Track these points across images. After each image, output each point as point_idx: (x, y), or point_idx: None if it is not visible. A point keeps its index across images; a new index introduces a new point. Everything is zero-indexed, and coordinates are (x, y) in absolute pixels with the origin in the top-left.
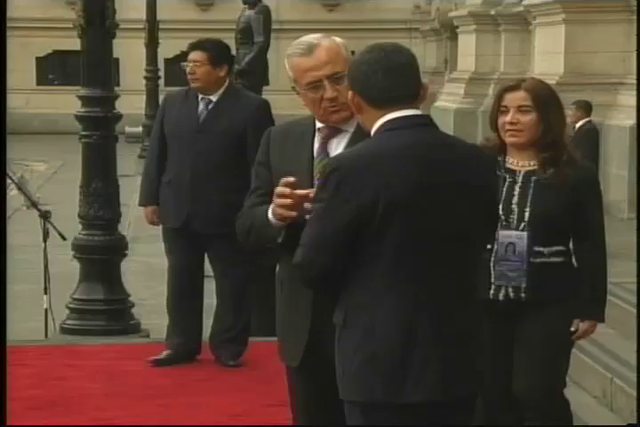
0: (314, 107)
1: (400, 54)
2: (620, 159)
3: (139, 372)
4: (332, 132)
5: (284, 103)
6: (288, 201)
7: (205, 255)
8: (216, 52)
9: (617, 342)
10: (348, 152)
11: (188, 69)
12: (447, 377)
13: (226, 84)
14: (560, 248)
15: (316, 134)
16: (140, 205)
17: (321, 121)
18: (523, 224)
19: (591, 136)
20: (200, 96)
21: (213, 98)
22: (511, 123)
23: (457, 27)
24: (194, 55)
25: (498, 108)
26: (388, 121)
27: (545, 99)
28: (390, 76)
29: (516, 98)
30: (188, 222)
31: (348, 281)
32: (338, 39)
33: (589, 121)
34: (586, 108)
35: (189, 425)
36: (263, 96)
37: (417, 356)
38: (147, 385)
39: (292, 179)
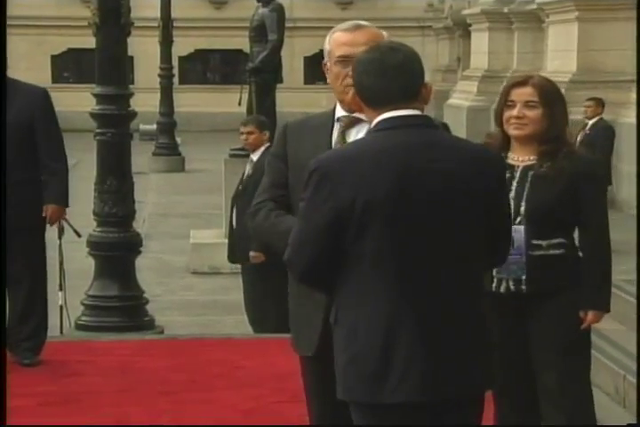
0: (336, 82)
1: (395, 54)
2: (632, 156)
3: (153, 368)
4: (353, 121)
5: (297, 101)
6: None
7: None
8: None
9: (629, 338)
10: (331, 152)
11: None
12: (432, 378)
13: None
14: (560, 240)
15: (336, 124)
16: None
17: (339, 99)
18: (519, 218)
19: (608, 134)
20: None
21: None
22: (518, 117)
23: (470, 25)
24: None
25: (504, 103)
26: (380, 121)
27: (551, 95)
28: (381, 77)
29: (523, 93)
30: (10, 222)
31: (337, 281)
32: (384, 32)
33: (601, 118)
34: (601, 104)
35: (202, 425)
36: (277, 94)
37: (399, 356)
38: (160, 381)
39: None
